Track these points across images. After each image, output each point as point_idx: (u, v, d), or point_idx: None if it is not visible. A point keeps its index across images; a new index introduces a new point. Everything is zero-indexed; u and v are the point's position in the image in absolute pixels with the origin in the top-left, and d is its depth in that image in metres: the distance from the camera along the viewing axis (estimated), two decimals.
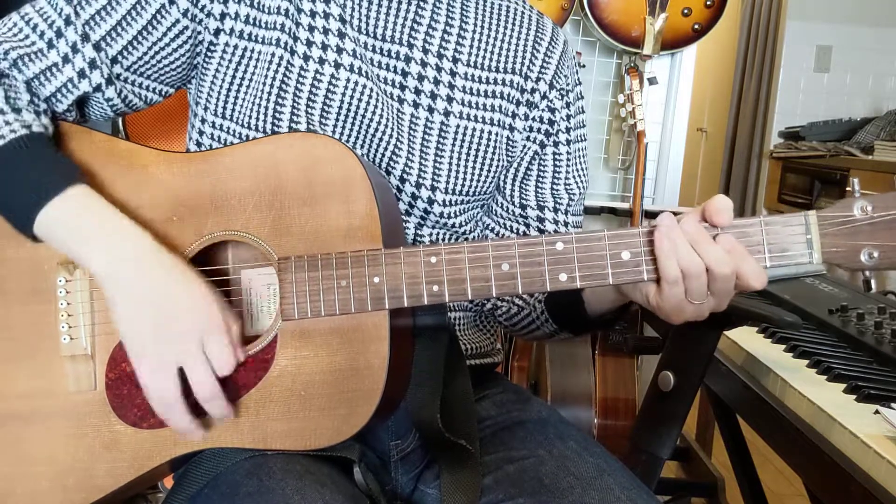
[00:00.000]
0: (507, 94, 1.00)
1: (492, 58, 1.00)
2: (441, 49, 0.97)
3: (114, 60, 0.89)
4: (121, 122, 1.22)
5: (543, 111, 1.02)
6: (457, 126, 0.97)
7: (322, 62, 0.93)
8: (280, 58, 0.92)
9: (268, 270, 0.87)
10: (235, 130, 0.93)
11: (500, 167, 1.02)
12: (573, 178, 1.05)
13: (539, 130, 1.03)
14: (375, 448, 0.93)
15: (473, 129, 0.98)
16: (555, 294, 0.98)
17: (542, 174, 1.04)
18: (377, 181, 0.83)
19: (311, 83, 0.92)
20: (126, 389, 0.83)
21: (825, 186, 3.39)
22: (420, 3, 0.97)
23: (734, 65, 4.54)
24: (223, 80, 0.93)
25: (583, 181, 1.06)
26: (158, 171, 0.83)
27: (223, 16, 0.92)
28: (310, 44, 0.93)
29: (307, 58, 0.93)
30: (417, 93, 0.96)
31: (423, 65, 0.96)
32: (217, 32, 0.92)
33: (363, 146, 0.94)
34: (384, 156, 0.95)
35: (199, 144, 0.97)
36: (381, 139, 0.94)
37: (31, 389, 0.84)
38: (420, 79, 0.96)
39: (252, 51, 0.93)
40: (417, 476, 0.96)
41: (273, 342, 0.82)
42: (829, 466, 0.80)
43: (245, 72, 0.93)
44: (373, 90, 0.94)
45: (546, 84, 1.02)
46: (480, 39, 1.00)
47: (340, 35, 0.93)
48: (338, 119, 0.93)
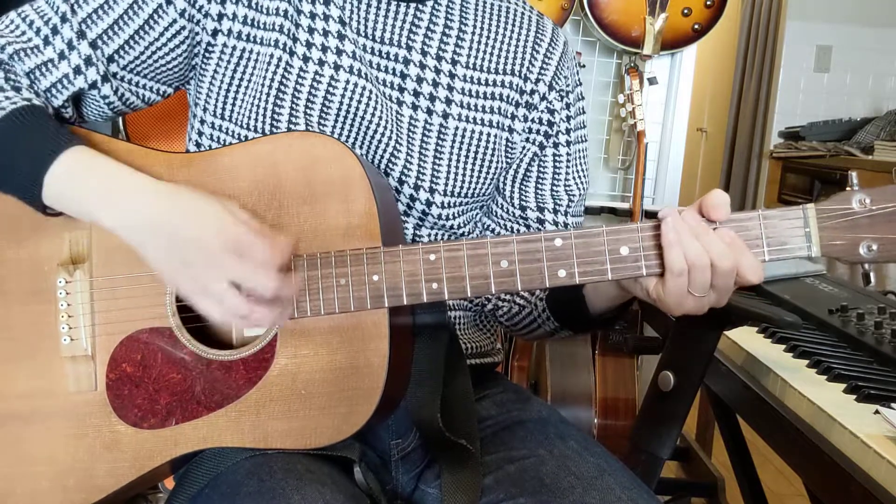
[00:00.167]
0: (507, 96, 1.00)
1: (491, 59, 1.00)
2: (440, 51, 0.97)
3: (110, 59, 0.89)
4: (121, 122, 1.22)
5: (543, 112, 1.02)
6: (455, 128, 0.97)
7: (321, 63, 0.93)
8: (279, 59, 0.92)
9: None
10: (234, 131, 0.93)
11: (500, 169, 1.02)
12: (573, 179, 1.05)
13: (538, 132, 1.03)
14: (376, 447, 0.93)
15: (472, 131, 0.98)
16: (556, 291, 0.98)
17: (542, 175, 1.04)
18: (376, 180, 0.83)
19: (311, 84, 0.92)
20: (127, 390, 0.83)
21: (825, 186, 3.38)
22: (419, 6, 0.97)
23: (734, 65, 4.54)
24: (222, 81, 0.93)
25: (583, 182, 1.06)
26: (158, 172, 0.83)
27: (221, 16, 0.92)
28: (309, 45, 0.93)
29: (307, 59, 0.93)
30: (416, 95, 0.96)
31: (422, 67, 0.96)
32: (215, 33, 0.92)
33: (362, 148, 0.94)
34: (383, 157, 0.95)
35: (199, 145, 0.97)
36: (380, 141, 0.94)
37: (32, 390, 0.84)
38: (419, 81, 0.96)
39: (250, 52, 0.93)
40: (418, 475, 0.96)
41: (273, 341, 0.82)
42: (829, 466, 0.79)
43: (244, 73, 0.93)
44: (372, 92, 0.94)
45: (545, 85, 1.02)
46: (479, 41, 1.00)
47: (340, 37, 0.93)
48: (336, 120, 0.93)
